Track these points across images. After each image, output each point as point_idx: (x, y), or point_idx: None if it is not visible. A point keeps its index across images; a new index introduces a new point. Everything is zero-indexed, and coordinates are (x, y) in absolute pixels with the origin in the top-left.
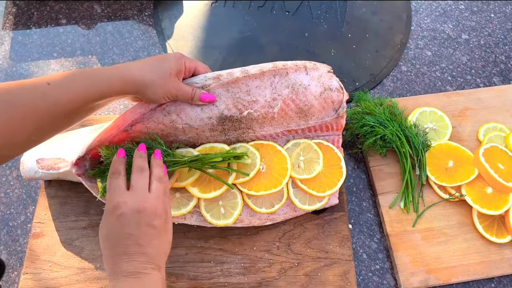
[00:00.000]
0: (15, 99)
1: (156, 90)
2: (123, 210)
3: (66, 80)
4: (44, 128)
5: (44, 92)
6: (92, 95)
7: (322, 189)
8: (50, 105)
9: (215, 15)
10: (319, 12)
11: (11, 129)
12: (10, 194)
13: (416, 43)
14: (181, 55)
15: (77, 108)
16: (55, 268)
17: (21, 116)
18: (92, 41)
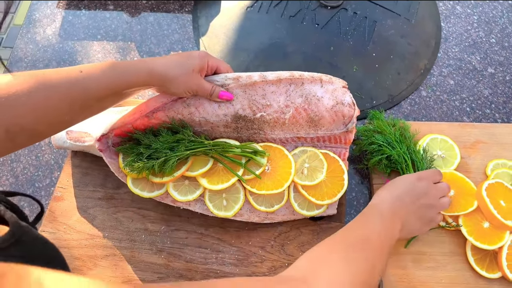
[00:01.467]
0: (51, 83)
1: (179, 85)
2: (423, 187)
3: (97, 70)
4: (76, 111)
5: (77, 78)
6: (120, 85)
7: (321, 198)
8: (81, 90)
9: (249, 19)
10: (348, 28)
11: (46, 108)
12: (40, 158)
13: (441, 70)
14: (206, 54)
15: (106, 95)
16: (69, 231)
17: (55, 98)
18: (134, 29)
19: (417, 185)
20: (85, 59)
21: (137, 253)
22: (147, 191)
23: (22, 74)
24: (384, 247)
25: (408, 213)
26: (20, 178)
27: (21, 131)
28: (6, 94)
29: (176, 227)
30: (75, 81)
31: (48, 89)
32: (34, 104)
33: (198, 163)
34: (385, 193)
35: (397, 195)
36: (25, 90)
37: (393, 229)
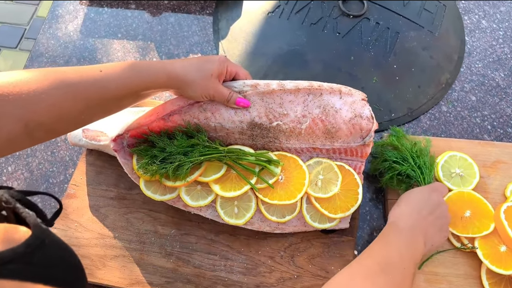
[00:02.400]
0: (70, 81)
1: (196, 89)
2: (435, 196)
3: (116, 70)
4: (94, 109)
5: (95, 77)
6: (138, 85)
7: (334, 211)
8: (99, 89)
9: (269, 24)
10: (369, 39)
11: (64, 106)
12: (55, 154)
13: (462, 85)
14: (225, 59)
15: (124, 95)
16: (80, 229)
17: (74, 96)
18: (154, 29)
19: (432, 196)
20: (105, 57)
21: (146, 255)
22: (159, 194)
23: (42, 70)
24: (408, 266)
25: (428, 225)
26: (35, 173)
27: (39, 127)
28: (27, 90)
29: (186, 232)
30: (94, 81)
31: (67, 87)
32: (53, 101)
33: (212, 169)
34: (402, 209)
35: (414, 209)
36: (45, 87)
37: (416, 245)
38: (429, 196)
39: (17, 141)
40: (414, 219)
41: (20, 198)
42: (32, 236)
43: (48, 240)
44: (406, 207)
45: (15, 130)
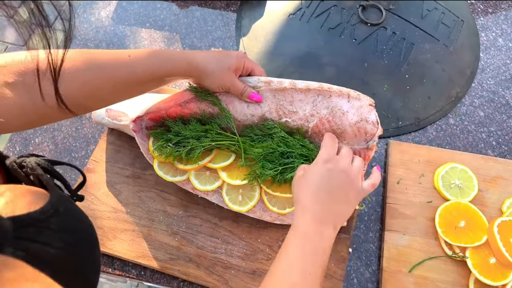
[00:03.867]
0: (101, 63)
1: (214, 80)
2: (333, 166)
3: (143, 56)
4: (120, 90)
5: (123, 61)
6: (161, 72)
7: None
8: (126, 73)
9: (289, 25)
10: (384, 47)
11: (94, 85)
12: (79, 130)
13: (472, 100)
14: (243, 55)
15: (148, 79)
16: (95, 202)
17: (103, 77)
18: (180, 21)
19: (328, 174)
20: (132, 44)
21: (154, 232)
22: (171, 175)
23: (77, 51)
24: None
25: (334, 209)
26: (59, 146)
27: (70, 103)
28: (64, 69)
29: (192, 214)
30: (122, 64)
31: (98, 68)
32: (84, 80)
33: (221, 157)
34: (303, 204)
35: (314, 199)
36: (78, 67)
37: (328, 236)
38: (324, 174)
39: (50, 114)
40: (317, 212)
41: (46, 166)
42: (48, 203)
43: (63, 208)
44: (306, 199)
45: (52, 103)
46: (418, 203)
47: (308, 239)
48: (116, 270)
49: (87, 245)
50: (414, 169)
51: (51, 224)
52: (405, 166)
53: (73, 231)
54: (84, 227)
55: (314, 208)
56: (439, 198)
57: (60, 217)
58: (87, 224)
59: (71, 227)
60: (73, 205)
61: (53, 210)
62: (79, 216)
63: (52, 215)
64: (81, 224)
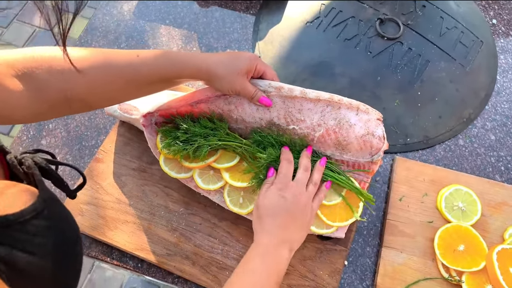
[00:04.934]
0: (111, 62)
1: (224, 84)
2: (287, 194)
3: (152, 57)
4: (128, 90)
5: (132, 61)
6: (170, 73)
7: (332, 219)
8: (135, 73)
9: (306, 33)
10: (399, 62)
11: (101, 83)
12: (92, 120)
13: (484, 123)
14: (255, 57)
15: (156, 80)
16: (100, 191)
17: (112, 76)
18: (199, 21)
19: (282, 202)
20: (151, 39)
21: (154, 226)
22: (175, 172)
23: (87, 49)
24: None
25: (288, 234)
26: (71, 134)
27: (77, 99)
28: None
29: (193, 212)
30: (130, 64)
31: (106, 67)
32: (92, 78)
33: (226, 157)
34: (263, 223)
35: (272, 223)
36: (86, 65)
37: (282, 260)
38: (280, 200)
39: (58, 108)
40: (275, 234)
41: (44, 166)
42: (31, 205)
43: (48, 210)
44: (266, 221)
45: (57, 99)
46: (419, 222)
47: (268, 255)
48: (114, 260)
49: (67, 251)
50: (418, 188)
51: (29, 227)
52: (409, 183)
53: (54, 236)
54: (66, 233)
55: (273, 231)
56: (440, 219)
57: (42, 220)
58: (71, 229)
59: (52, 231)
60: (60, 208)
61: (35, 213)
62: (65, 221)
63: (32, 218)
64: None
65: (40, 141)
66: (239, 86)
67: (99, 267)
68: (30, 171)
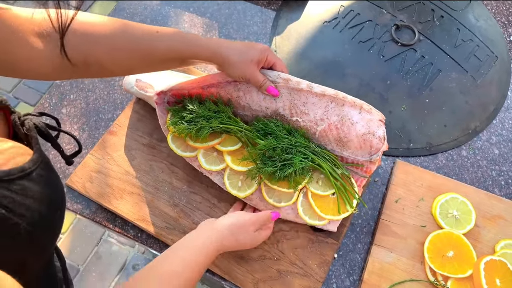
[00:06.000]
0: (132, 33)
1: (235, 70)
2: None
3: (170, 35)
4: (144, 62)
5: (151, 36)
6: (185, 54)
7: (326, 211)
8: (153, 47)
9: (322, 32)
10: (410, 69)
11: (122, 53)
12: (110, 95)
13: (490, 136)
14: (267, 48)
15: (171, 58)
16: (110, 162)
17: (131, 47)
18: (222, 11)
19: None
20: (174, 25)
21: (157, 200)
22: (181, 150)
23: (111, 19)
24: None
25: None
26: (90, 105)
27: (96, 63)
28: (92, 31)
29: (195, 191)
30: (149, 38)
31: (127, 38)
32: (112, 46)
33: (229, 141)
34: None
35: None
36: (107, 33)
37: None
38: (254, 229)
39: (78, 69)
40: (229, 242)
41: (43, 130)
42: (20, 166)
43: (37, 172)
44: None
45: (77, 60)
46: (412, 225)
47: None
48: (117, 227)
49: (48, 215)
50: (415, 192)
51: (13, 186)
52: (407, 187)
53: (37, 199)
54: (50, 197)
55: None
56: (433, 225)
57: (28, 181)
58: (56, 195)
59: (37, 194)
60: (49, 173)
61: (22, 173)
62: (51, 185)
63: (19, 178)
64: (49, 194)
65: (61, 110)
66: (249, 73)
67: (106, 241)
68: (30, 133)
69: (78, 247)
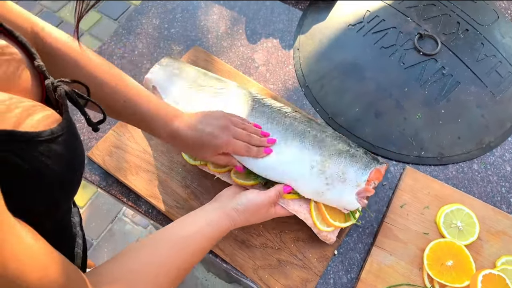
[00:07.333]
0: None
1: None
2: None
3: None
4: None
5: (122, 100)
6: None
7: (334, 218)
8: (116, 106)
9: (346, 35)
10: (429, 78)
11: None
12: (137, 76)
13: (503, 153)
14: (223, 144)
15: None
16: (131, 139)
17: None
18: (250, 6)
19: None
20: (203, 15)
21: (170, 180)
22: (193, 158)
23: (100, 59)
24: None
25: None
26: None
27: None
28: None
29: (206, 176)
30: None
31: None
32: (94, 87)
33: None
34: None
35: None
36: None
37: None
38: (266, 210)
39: None
40: (240, 222)
41: (74, 97)
42: (49, 130)
43: (63, 138)
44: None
45: None
46: (414, 231)
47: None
48: (130, 201)
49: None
50: (421, 199)
51: (41, 147)
52: (413, 193)
53: (61, 161)
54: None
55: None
56: (436, 233)
57: (55, 144)
58: (78, 160)
59: (61, 158)
60: (74, 139)
61: (50, 137)
62: (74, 151)
63: (47, 140)
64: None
65: None
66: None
67: (121, 220)
68: (61, 100)
69: (94, 222)
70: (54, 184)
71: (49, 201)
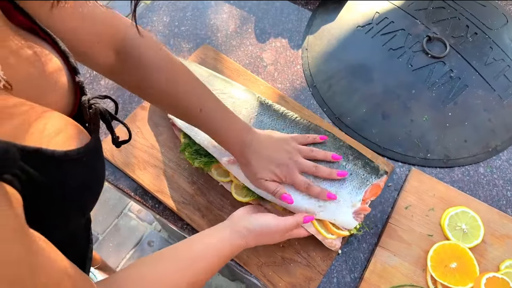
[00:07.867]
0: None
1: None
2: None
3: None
4: (177, 114)
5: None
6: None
7: (337, 227)
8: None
9: (354, 36)
10: (437, 81)
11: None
12: None
13: (509, 157)
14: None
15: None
16: (139, 134)
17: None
18: (260, 6)
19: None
20: (213, 14)
21: (177, 176)
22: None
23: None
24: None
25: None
26: None
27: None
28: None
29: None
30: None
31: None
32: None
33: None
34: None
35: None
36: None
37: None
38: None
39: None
40: (253, 243)
41: (106, 116)
42: (76, 149)
43: (87, 158)
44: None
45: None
46: (419, 233)
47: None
48: (137, 196)
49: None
50: (426, 201)
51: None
52: (419, 195)
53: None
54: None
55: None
56: (440, 235)
57: (78, 164)
58: (98, 181)
59: (81, 177)
60: (98, 161)
61: (76, 156)
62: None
63: (72, 159)
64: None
65: (100, 81)
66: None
67: (126, 215)
68: (93, 119)
69: (100, 217)
70: (67, 200)
71: (61, 216)
